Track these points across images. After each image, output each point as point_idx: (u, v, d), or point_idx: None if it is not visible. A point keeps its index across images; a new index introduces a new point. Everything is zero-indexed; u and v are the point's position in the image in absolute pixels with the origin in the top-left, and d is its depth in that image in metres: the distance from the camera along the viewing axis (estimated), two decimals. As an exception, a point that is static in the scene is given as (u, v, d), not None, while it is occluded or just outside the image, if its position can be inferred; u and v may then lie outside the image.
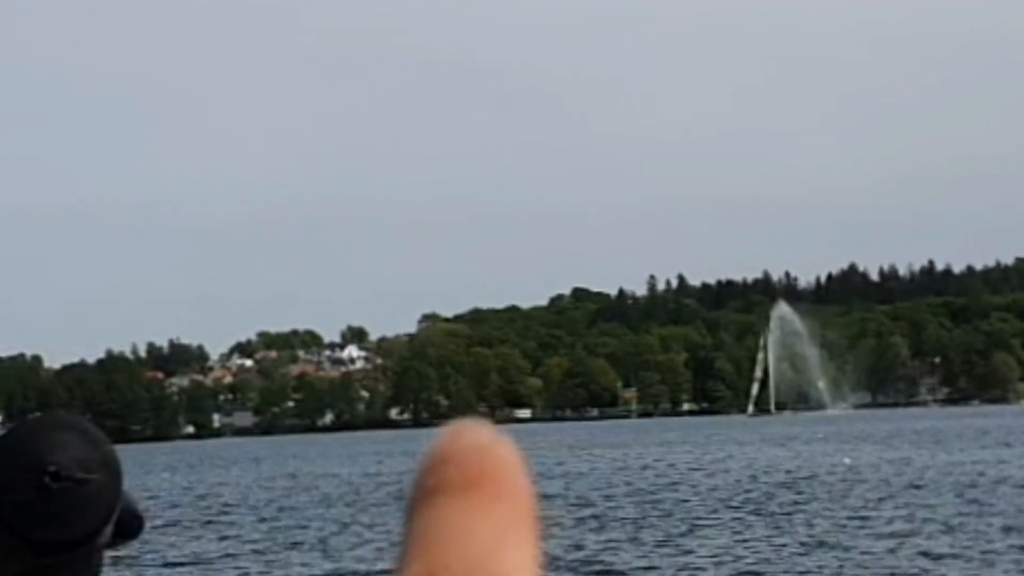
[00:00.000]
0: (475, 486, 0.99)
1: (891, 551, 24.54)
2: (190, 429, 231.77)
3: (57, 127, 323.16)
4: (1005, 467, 46.55)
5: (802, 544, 26.34)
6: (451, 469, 0.99)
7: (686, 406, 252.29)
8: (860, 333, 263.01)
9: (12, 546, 2.69)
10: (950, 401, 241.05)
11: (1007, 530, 26.90)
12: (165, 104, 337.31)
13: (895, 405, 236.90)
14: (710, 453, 69.19)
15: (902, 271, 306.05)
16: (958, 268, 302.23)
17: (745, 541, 27.26)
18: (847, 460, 55.88)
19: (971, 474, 43.38)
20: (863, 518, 30.53)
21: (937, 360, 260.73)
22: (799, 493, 38.73)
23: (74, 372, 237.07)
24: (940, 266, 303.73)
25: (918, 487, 39.08)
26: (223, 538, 33.34)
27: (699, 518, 32.25)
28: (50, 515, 2.67)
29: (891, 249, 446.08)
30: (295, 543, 31.18)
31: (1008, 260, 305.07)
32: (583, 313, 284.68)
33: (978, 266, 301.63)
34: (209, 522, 37.68)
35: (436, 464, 0.99)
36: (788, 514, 32.60)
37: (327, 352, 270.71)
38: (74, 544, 2.71)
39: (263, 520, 37.66)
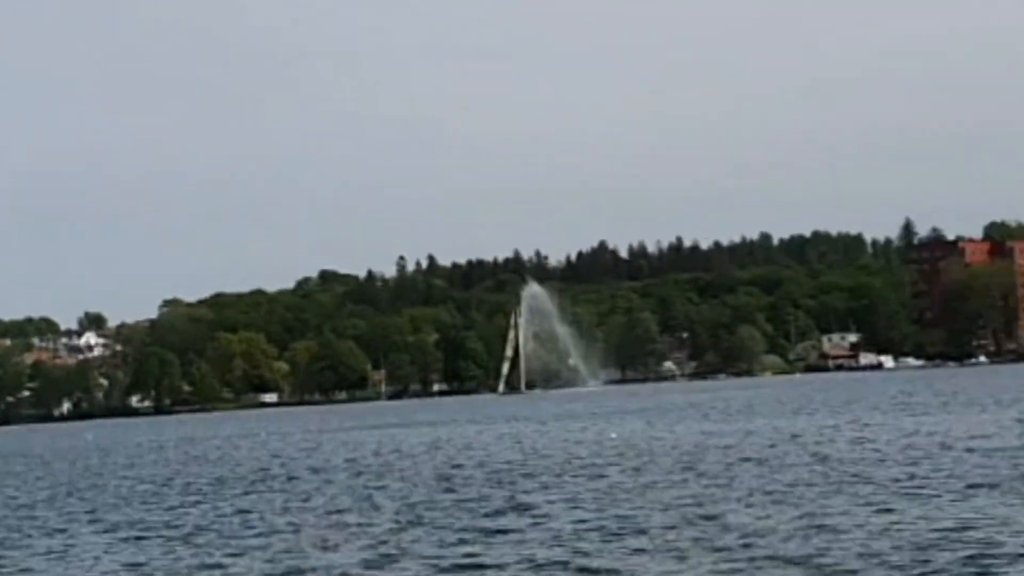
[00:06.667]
0: None
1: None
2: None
3: None
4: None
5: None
6: None
7: (436, 387, 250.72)
8: (610, 310, 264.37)
9: None
10: (697, 375, 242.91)
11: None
12: None
13: (644, 380, 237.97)
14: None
15: (651, 248, 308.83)
16: (705, 244, 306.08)
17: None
18: (613, 435, 57.76)
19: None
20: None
21: (685, 335, 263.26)
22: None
23: None
24: (688, 243, 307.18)
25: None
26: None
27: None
28: None
29: (641, 227, 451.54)
30: None
31: (753, 236, 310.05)
32: (331, 296, 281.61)
33: (724, 242, 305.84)
34: None
35: None
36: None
37: (64, 339, 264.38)
38: None
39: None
